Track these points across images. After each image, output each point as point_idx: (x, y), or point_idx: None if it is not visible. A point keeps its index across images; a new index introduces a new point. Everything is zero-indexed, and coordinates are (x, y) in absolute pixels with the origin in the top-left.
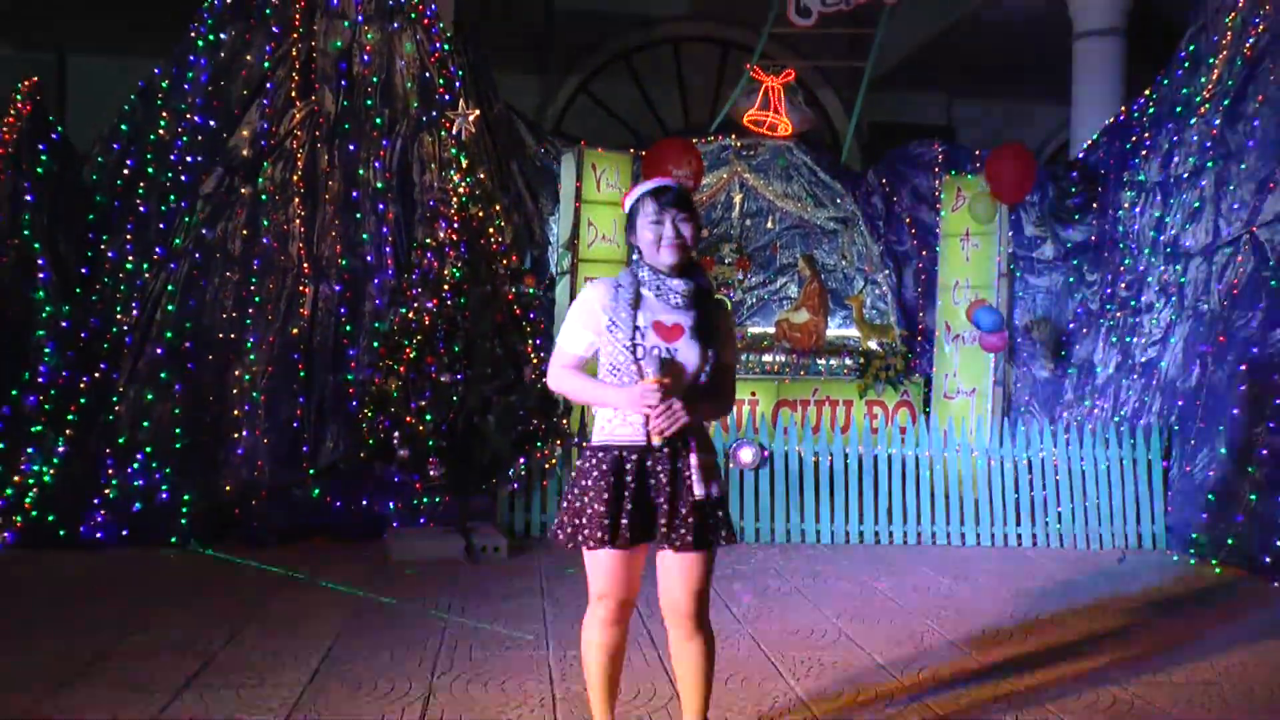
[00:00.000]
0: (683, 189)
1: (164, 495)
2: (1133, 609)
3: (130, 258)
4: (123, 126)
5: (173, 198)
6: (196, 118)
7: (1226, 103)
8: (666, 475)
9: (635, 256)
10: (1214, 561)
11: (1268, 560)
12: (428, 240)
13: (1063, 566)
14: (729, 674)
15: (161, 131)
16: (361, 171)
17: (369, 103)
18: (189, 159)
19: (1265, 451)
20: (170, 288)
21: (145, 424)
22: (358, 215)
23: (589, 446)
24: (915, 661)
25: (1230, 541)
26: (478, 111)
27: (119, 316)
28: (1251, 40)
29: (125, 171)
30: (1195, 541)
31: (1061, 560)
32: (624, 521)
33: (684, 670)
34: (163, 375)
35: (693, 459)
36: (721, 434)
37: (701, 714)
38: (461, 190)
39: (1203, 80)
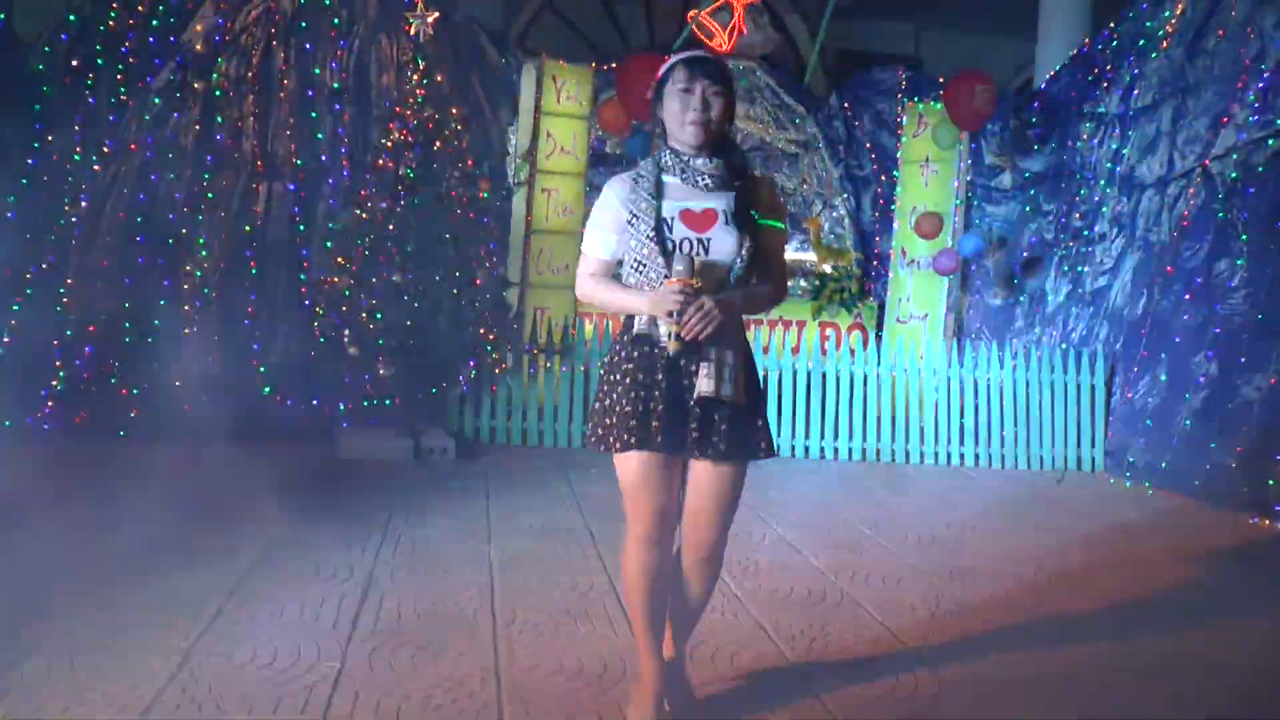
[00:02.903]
0: (722, 63)
1: (112, 389)
2: (1063, 526)
3: (79, 150)
4: (70, 17)
5: (123, 90)
6: (149, 10)
7: (1190, 37)
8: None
9: (658, 138)
10: (1147, 484)
11: (1197, 483)
12: (383, 141)
13: (1002, 485)
14: None
15: (112, 23)
16: (318, 71)
17: (327, 2)
18: (141, 52)
19: (1202, 379)
20: (120, 181)
21: (94, 317)
22: (313, 114)
23: (620, 339)
24: (850, 564)
25: (1164, 466)
26: (437, 14)
27: (67, 209)
28: None
29: (74, 63)
30: (1132, 465)
31: (1002, 479)
32: (655, 424)
33: (685, 594)
34: (111, 268)
35: (710, 354)
36: None
37: (687, 636)
38: (419, 92)
39: (1166, 14)
